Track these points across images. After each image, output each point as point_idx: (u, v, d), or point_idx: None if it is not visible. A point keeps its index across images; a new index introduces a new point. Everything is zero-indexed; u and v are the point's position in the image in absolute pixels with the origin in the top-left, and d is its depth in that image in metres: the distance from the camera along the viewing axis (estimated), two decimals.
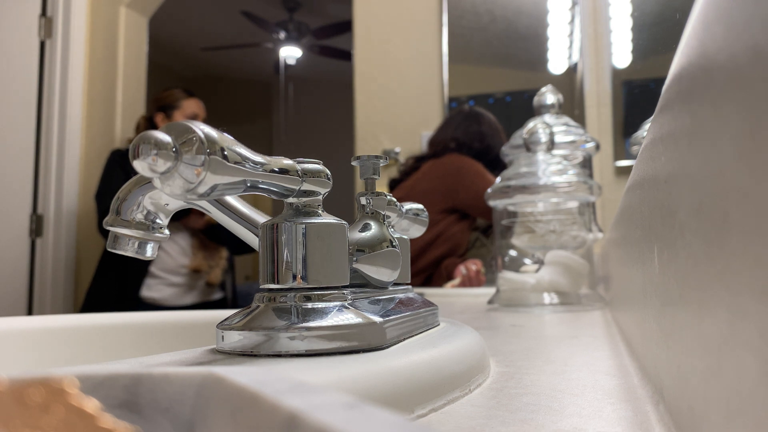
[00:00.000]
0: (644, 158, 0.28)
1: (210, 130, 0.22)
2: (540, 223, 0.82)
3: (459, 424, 0.23)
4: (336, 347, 0.25)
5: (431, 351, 0.27)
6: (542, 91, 0.95)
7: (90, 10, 2.59)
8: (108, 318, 0.57)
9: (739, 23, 0.11)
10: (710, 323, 0.14)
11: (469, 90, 2.17)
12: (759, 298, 0.10)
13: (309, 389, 0.12)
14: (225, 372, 0.15)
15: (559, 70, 2.05)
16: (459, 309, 0.83)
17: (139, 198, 0.33)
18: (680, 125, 0.18)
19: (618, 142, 1.80)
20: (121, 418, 0.14)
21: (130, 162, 0.22)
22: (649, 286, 0.27)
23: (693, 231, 0.16)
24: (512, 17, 2.09)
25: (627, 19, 1.81)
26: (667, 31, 1.10)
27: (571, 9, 2.04)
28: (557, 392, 0.28)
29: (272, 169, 0.25)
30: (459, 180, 1.64)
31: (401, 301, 0.33)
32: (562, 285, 0.78)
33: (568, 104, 1.52)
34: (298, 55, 4.46)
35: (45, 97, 2.44)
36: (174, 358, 0.25)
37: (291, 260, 0.27)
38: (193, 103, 2.19)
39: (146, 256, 0.34)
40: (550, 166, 0.79)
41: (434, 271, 1.64)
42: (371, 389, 0.22)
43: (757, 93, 0.10)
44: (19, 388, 0.12)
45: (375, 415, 0.10)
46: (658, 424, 0.22)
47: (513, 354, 0.40)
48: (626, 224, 0.41)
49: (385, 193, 0.34)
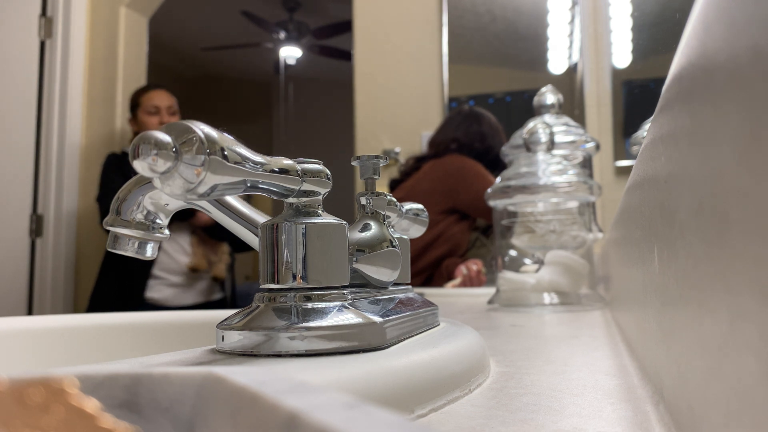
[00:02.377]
0: (644, 158, 0.28)
1: (210, 130, 0.22)
2: (540, 223, 0.82)
3: (459, 424, 0.23)
4: (336, 347, 0.25)
5: (431, 351, 0.27)
6: (542, 91, 0.95)
7: (90, 10, 2.59)
8: (108, 318, 0.57)
9: (739, 23, 0.11)
10: (710, 323, 0.14)
11: (469, 90, 2.17)
12: (759, 299, 0.10)
13: (309, 389, 0.12)
14: (225, 372, 0.15)
15: (559, 70, 2.05)
16: (459, 309, 0.83)
17: (139, 198, 0.33)
18: (680, 125, 0.18)
19: (618, 142, 1.80)
20: (121, 418, 0.14)
21: (130, 162, 0.22)
22: (649, 286, 0.27)
23: (693, 231, 0.16)
24: (512, 17, 2.09)
25: (627, 19, 1.81)
26: (667, 31, 1.10)
27: (571, 9, 2.04)
28: (557, 392, 0.28)
29: (272, 169, 0.25)
30: (460, 180, 1.64)
31: (401, 301, 0.33)
32: (562, 285, 0.78)
33: (568, 104, 1.52)
34: (298, 55, 4.46)
35: (45, 97, 2.44)
36: (174, 358, 0.25)
37: (291, 260, 0.27)
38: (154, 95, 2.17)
39: (146, 256, 0.34)
40: (550, 166, 0.79)
41: (434, 271, 1.64)
42: (371, 389, 0.22)
43: (757, 93, 0.10)
44: (19, 388, 0.12)
45: (375, 415, 0.10)
46: (658, 424, 0.22)
47: (513, 354, 0.40)
48: (626, 224, 0.41)
49: (385, 193, 0.34)
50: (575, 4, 2.01)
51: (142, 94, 2.18)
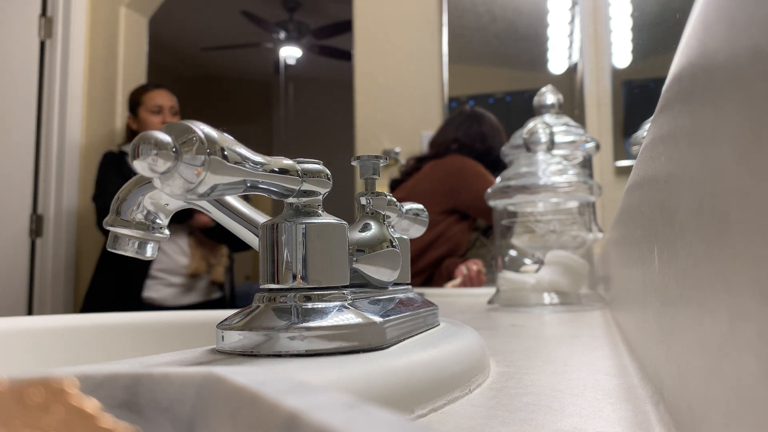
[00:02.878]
0: (644, 158, 0.28)
1: (210, 130, 0.22)
2: (540, 223, 0.82)
3: (459, 424, 0.23)
4: (336, 347, 0.25)
5: (431, 351, 0.27)
6: (542, 91, 0.95)
7: (90, 10, 2.59)
8: (108, 318, 0.57)
9: (739, 23, 0.11)
10: (710, 323, 0.14)
11: (469, 90, 2.17)
12: (759, 299, 0.10)
13: (309, 389, 0.12)
14: (225, 372, 0.15)
15: (559, 70, 2.05)
16: (459, 309, 0.83)
17: (139, 198, 0.33)
18: (680, 125, 0.18)
19: (618, 142, 1.80)
20: (121, 418, 0.14)
21: (130, 162, 0.22)
22: (649, 286, 0.27)
23: (693, 231, 0.16)
24: (512, 17, 2.09)
25: (627, 19, 1.81)
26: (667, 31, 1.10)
27: (571, 9, 2.04)
28: (557, 392, 0.28)
29: (272, 169, 0.25)
30: (460, 181, 1.65)
31: (401, 301, 0.33)
32: (562, 285, 0.78)
33: (568, 104, 1.52)
34: (298, 55, 4.46)
35: (45, 97, 2.44)
36: (174, 358, 0.25)
37: (291, 260, 0.27)
38: (156, 95, 2.16)
39: (146, 256, 0.34)
40: (550, 166, 0.79)
41: (434, 271, 1.64)
42: (371, 389, 0.22)
43: (757, 93, 0.10)
44: (19, 388, 0.12)
45: (375, 415, 0.10)
46: (658, 424, 0.22)
47: (513, 354, 0.40)
48: (626, 224, 0.41)
49: (385, 193, 0.34)
50: (575, 4, 2.01)
51: (144, 93, 2.18)
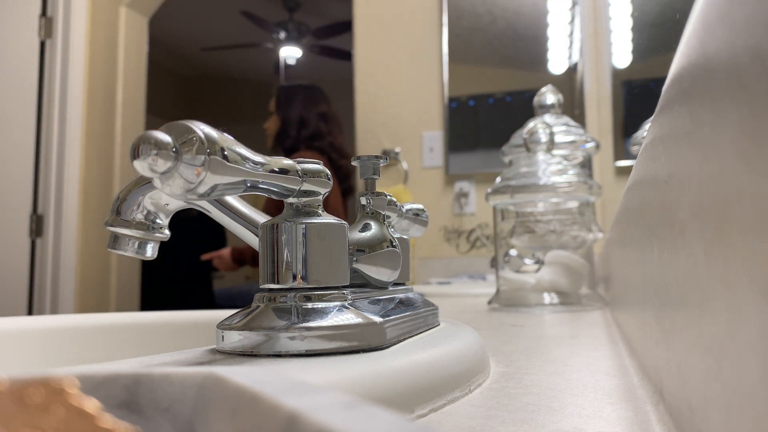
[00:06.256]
0: (644, 158, 0.28)
1: (210, 130, 0.22)
2: (540, 223, 0.82)
3: (459, 424, 0.23)
4: (336, 347, 0.25)
5: (431, 351, 0.27)
6: (542, 91, 0.95)
7: (90, 10, 2.58)
8: (108, 318, 0.57)
9: (739, 23, 0.11)
10: (710, 323, 0.14)
11: (469, 90, 2.17)
12: (759, 299, 0.10)
13: (309, 389, 0.12)
14: (225, 372, 0.15)
15: (559, 70, 2.05)
16: (459, 309, 0.83)
17: (139, 198, 0.33)
18: (680, 125, 0.18)
19: (618, 142, 1.80)
20: (121, 418, 0.14)
21: (130, 162, 0.22)
22: (649, 286, 0.27)
23: (693, 231, 0.16)
24: (512, 17, 2.09)
25: (627, 19, 1.80)
26: (667, 31, 1.10)
27: (571, 9, 2.04)
28: (557, 392, 0.28)
29: (272, 169, 0.25)
30: None
31: (401, 301, 0.33)
32: (562, 285, 0.78)
33: (568, 104, 1.52)
34: (298, 55, 4.45)
35: (45, 97, 2.44)
36: (174, 358, 0.25)
37: (291, 260, 0.27)
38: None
39: (146, 256, 0.34)
40: (550, 166, 0.79)
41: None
42: (371, 389, 0.22)
43: (757, 93, 0.10)
44: (19, 388, 0.12)
45: (375, 415, 0.10)
46: (658, 424, 0.22)
47: (513, 354, 0.40)
48: (626, 224, 0.41)
49: (385, 193, 0.34)
50: (575, 4, 2.01)
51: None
